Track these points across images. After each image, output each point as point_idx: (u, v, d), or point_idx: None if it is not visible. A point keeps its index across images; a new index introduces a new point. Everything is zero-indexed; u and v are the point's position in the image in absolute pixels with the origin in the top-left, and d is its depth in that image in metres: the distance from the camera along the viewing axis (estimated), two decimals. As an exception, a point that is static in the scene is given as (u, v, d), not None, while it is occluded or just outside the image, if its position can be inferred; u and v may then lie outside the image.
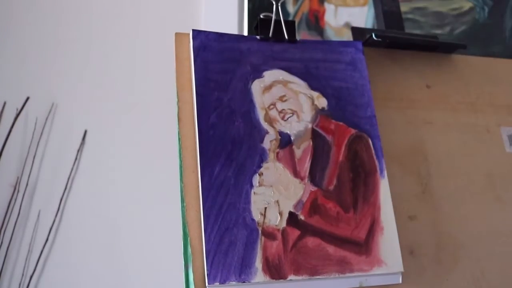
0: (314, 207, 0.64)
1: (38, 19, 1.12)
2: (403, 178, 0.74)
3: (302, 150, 0.66)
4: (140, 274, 1.03)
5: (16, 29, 1.12)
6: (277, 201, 0.63)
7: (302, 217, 0.63)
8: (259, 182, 0.63)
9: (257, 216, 0.61)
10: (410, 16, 1.11)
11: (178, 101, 0.66)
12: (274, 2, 0.72)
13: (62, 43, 1.11)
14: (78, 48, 1.11)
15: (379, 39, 0.77)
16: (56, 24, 1.12)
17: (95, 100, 1.08)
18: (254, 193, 0.62)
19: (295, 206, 0.63)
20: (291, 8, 1.10)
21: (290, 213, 0.63)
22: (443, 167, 0.76)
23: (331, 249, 0.62)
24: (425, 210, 0.73)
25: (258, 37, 0.71)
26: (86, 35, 1.11)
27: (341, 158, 0.67)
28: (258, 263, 0.59)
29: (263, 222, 0.61)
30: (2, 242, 1.02)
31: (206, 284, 0.58)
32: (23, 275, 1.02)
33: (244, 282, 0.58)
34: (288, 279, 0.60)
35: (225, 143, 0.63)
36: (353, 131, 0.69)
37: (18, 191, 1.04)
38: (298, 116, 0.68)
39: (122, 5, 1.11)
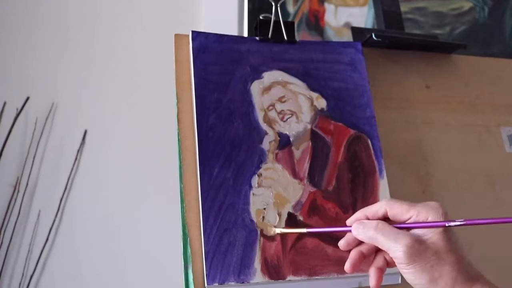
0: (313, 207, 0.64)
1: (38, 20, 1.12)
2: (403, 178, 0.74)
3: (301, 151, 0.66)
4: (140, 274, 1.03)
5: (16, 29, 1.12)
6: (276, 202, 0.63)
7: (301, 217, 0.63)
8: (258, 183, 0.63)
9: (256, 217, 0.61)
10: (410, 16, 1.11)
11: (178, 102, 0.66)
12: (273, 3, 0.72)
13: (62, 43, 1.11)
14: (78, 48, 1.11)
15: (379, 39, 0.77)
16: (56, 25, 1.12)
17: (95, 100, 1.08)
18: (253, 194, 0.62)
19: (294, 207, 0.63)
20: (291, 8, 1.10)
21: (289, 214, 0.63)
22: (443, 167, 0.76)
23: (330, 249, 0.62)
24: (424, 210, 0.72)
25: (257, 38, 0.71)
26: (86, 36, 1.11)
27: (340, 159, 0.67)
28: (257, 264, 0.59)
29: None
30: (2, 242, 1.02)
31: (206, 284, 0.58)
32: (23, 275, 1.02)
33: (243, 282, 0.58)
34: (287, 279, 0.60)
35: (224, 144, 0.63)
36: (352, 131, 0.69)
37: (18, 191, 1.04)
38: (297, 117, 0.68)
39: (122, 6, 1.11)
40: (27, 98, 1.06)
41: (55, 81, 1.10)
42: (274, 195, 0.63)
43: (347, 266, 0.52)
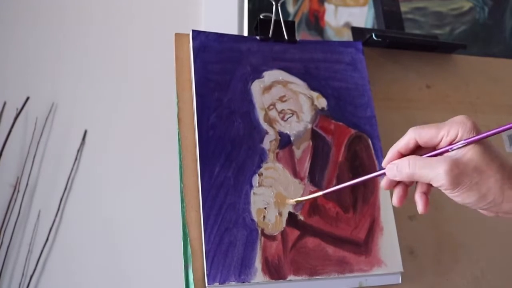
0: (313, 207, 0.64)
1: (38, 19, 1.12)
2: (403, 178, 0.73)
3: (302, 150, 0.66)
4: (140, 274, 1.03)
5: (16, 29, 1.12)
6: (277, 201, 0.63)
7: (301, 217, 0.63)
8: (258, 183, 0.63)
9: (256, 217, 0.61)
10: (410, 16, 1.11)
11: (178, 101, 0.66)
12: (273, 3, 0.72)
13: (62, 43, 1.11)
14: (78, 48, 1.10)
15: (379, 39, 0.77)
16: (56, 24, 1.12)
17: (95, 100, 1.08)
18: (254, 193, 0.62)
19: (295, 206, 0.63)
20: (291, 8, 1.10)
21: (290, 214, 0.63)
22: (443, 167, 0.76)
23: (330, 249, 0.62)
24: (425, 210, 0.73)
25: (258, 37, 0.71)
26: (86, 35, 1.11)
27: (340, 158, 0.67)
28: (258, 263, 0.59)
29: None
30: (2, 242, 1.02)
31: (206, 284, 0.58)
32: (23, 275, 1.02)
33: (243, 282, 0.58)
34: (287, 279, 0.60)
35: (225, 143, 0.63)
36: (352, 131, 0.69)
37: (18, 191, 1.04)
38: (297, 117, 0.68)
39: (122, 5, 1.11)
40: (27, 98, 1.06)
41: (55, 81, 1.10)
42: (274, 195, 0.63)
43: (394, 201, 0.53)
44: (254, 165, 0.63)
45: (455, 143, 0.48)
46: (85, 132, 1.07)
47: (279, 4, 0.72)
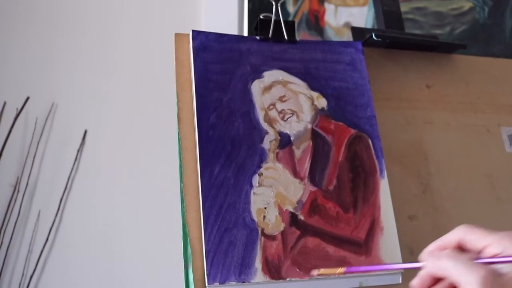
0: (313, 207, 0.64)
1: (38, 19, 1.12)
2: (403, 178, 0.74)
3: (302, 150, 0.66)
4: (140, 274, 1.03)
5: (16, 29, 1.12)
6: (277, 201, 0.63)
7: (302, 217, 0.63)
8: (258, 183, 0.63)
9: (257, 217, 0.61)
10: (410, 16, 1.11)
11: (178, 101, 0.66)
12: (273, 3, 0.72)
13: (62, 44, 1.11)
14: (78, 48, 1.11)
15: (379, 39, 0.77)
16: (56, 25, 1.12)
17: (95, 100, 1.08)
18: (254, 193, 0.62)
19: (295, 207, 0.63)
20: (291, 8, 1.10)
21: (290, 214, 0.63)
22: (443, 167, 0.76)
23: (331, 249, 0.62)
24: (425, 210, 0.73)
25: (258, 37, 0.71)
26: (85, 35, 1.11)
27: (340, 158, 0.67)
28: (258, 263, 0.59)
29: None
30: (2, 242, 1.02)
31: (206, 284, 0.58)
32: (23, 275, 1.02)
33: (243, 282, 0.58)
34: (287, 279, 0.60)
35: (225, 143, 0.63)
36: (353, 131, 0.69)
37: (18, 191, 1.04)
38: (297, 116, 0.68)
39: (122, 5, 1.11)
40: (27, 98, 1.06)
41: (55, 81, 1.10)
42: (275, 194, 0.63)
43: None
44: (254, 165, 0.63)
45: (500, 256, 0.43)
46: (85, 132, 1.07)
47: (279, 4, 0.72)
